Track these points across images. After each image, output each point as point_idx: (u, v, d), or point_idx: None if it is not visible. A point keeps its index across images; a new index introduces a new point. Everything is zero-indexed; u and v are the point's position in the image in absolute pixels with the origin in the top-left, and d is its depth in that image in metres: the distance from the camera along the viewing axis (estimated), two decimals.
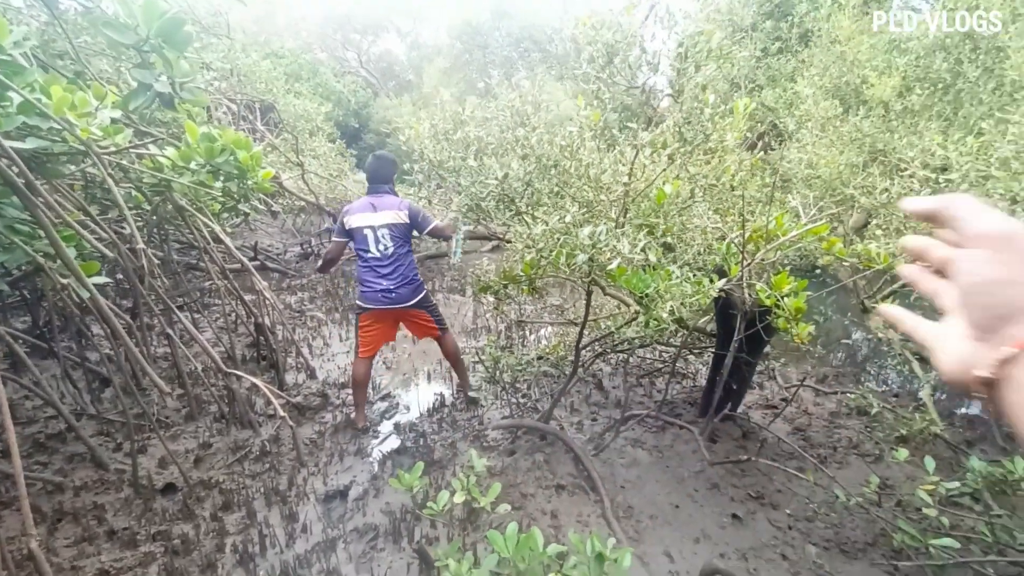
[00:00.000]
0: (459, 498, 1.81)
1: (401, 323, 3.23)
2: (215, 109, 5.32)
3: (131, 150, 2.45)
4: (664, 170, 2.14)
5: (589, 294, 2.67)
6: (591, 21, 1.91)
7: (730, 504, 2.59)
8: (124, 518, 2.40)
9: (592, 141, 2.29)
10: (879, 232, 2.61)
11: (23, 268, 2.86)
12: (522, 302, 4.77)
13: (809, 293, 2.32)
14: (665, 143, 1.97)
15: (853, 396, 3.44)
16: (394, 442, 3.15)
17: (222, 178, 2.72)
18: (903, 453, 2.26)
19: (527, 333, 4.83)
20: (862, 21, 4.26)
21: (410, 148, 2.61)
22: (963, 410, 3.48)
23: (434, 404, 3.55)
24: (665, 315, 1.92)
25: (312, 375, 3.94)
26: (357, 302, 3.09)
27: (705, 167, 2.21)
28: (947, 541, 1.88)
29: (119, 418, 3.06)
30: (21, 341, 3.08)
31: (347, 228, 2.96)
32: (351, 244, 3.04)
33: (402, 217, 2.92)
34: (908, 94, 3.26)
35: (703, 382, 3.89)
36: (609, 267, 1.77)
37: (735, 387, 3.15)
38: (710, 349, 3.55)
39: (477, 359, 3.99)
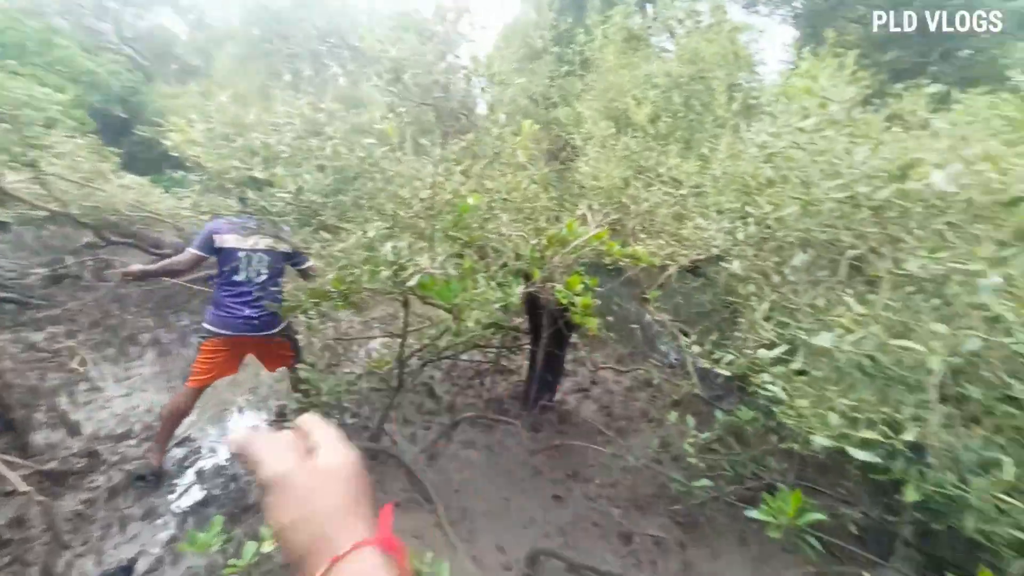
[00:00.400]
0: (269, 546, 1.64)
1: (252, 354, 3.02)
2: None
3: None
4: (463, 184, 2.24)
5: (406, 306, 2.65)
6: (375, 35, 1.89)
7: (552, 486, 2.86)
8: None
9: (393, 153, 2.27)
10: (643, 236, 3.15)
11: None
12: (346, 317, 4.53)
13: (600, 289, 2.69)
14: (458, 159, 2.06)
15: (642, 371, 4.11)
16: (197, 494, 2.71)
17: None
18: (674, 415, 2.78)
19: (356, 349, 4.60)
20: (626, 55, 5.07)
21: (180, 153, 2.24)
22: (717, 371, 4.43)
23: None
24: (471, 323, 2.01)
25: (74, 431, 3.13)
26: (207, 325, 2.79)
27: (499, 181, 2.38)
28: (703, 482, 2.37)
29: None
30: None
31: (216, 247, 2.70)
32: (218, 264, 2.79)
33: (283, 246, 2.71)
34: (658, 121, 3.99)
35: (526, 377, 4.21)
36: (409, 283, 1.79)
37: (550, 378, 3.49)
38: (528, 345, 3.86)
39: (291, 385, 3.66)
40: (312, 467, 0.44)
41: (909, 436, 1.08)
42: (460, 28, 2.85)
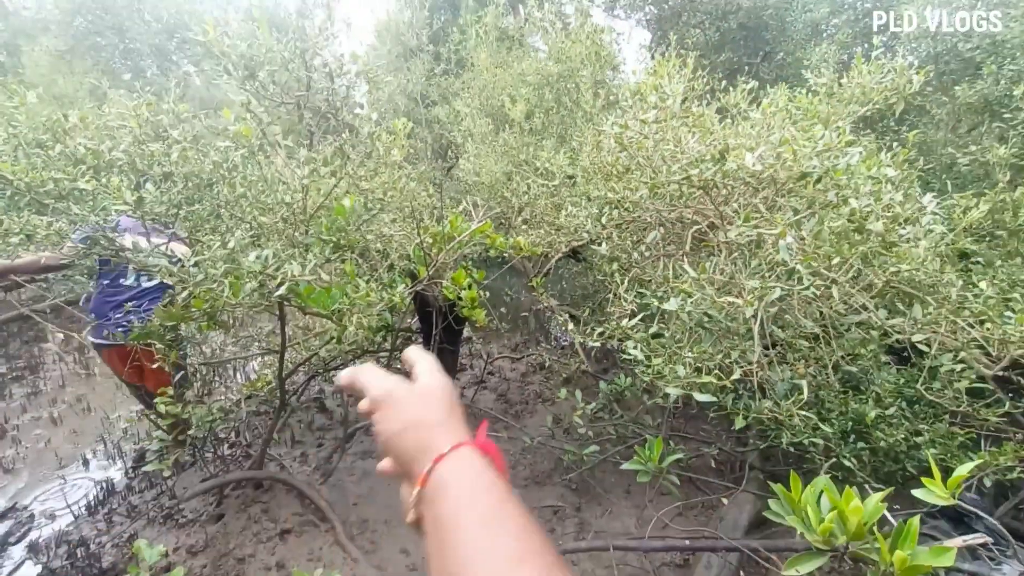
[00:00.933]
0: None
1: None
2: None
3: None
4: (335, 186, 2.16)
5: (282, 319, 2.49)
6: (219, 30, 1.74)
7: None
8: None
9: (253, 156, 2.11)
10: (524, 227, 3.29)
11: None
12: (213, 339, 4.10)
13: (489, 281, 2.75)
14: (326, 159, 1.98)
15: (535, 356, 4.29)
16: (31, 570, 2.28)
17: None
18: (564, 391, 2.95)
19: (231, 372, 4.19)
20: (499, 54, 5.23)
21: None
22: (606, 347, 4.78)
23: (98, 496, 2.71)
24: (353, 328, 1.96)
25: None
26: (92, 339, 2.61)
27: (374, 181, 2.33)
28: (591, 448, 2.55)
29: None
30: None
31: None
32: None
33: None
34: (532, 117, 4.17)
35: None
36: (276, 292, 1.69)
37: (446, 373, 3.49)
38: (420, 344, 3.83)
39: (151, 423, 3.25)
40: (414, 386, 0.50)
41: (736, 375, 1.28)
42: (326, 24, 2.73)
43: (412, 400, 0.48)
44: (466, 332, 4.19)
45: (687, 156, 1.72)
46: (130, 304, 2.59)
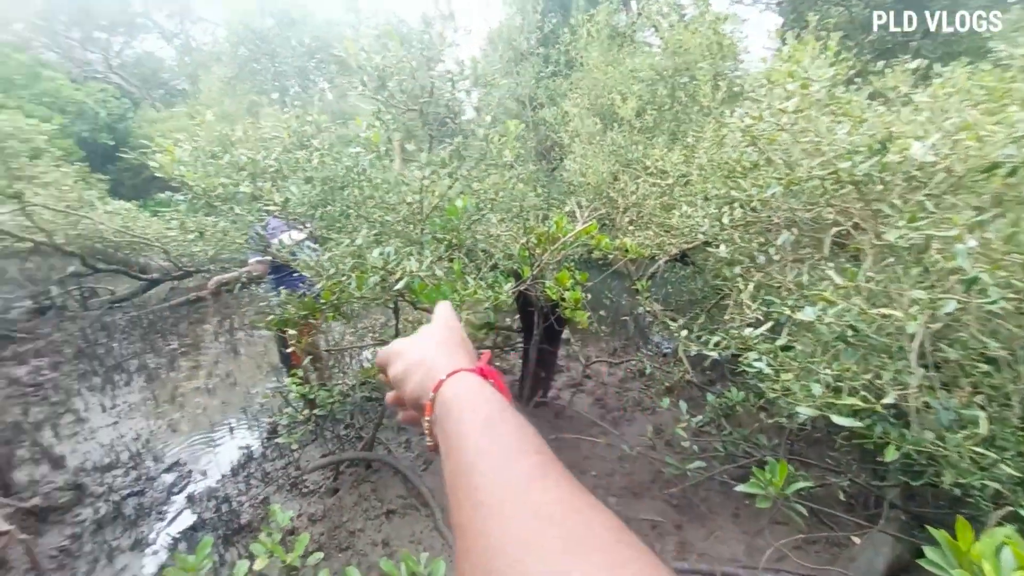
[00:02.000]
0: (261, 564, 1.63)
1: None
2: None
3: None
4: (450, 187, 2.25)
5: (396, 312, 2.66)
6: (359, 44, 1.91)
7: None
8: None
9: (378, 161, 2.29)
10: (631, 228, 3.17)
11: None
12: (336, 328, 4.52)
13: (591, 283, 2.70)
14: (444, 162, 2.07)
15: (634, 362, 4.11)
16: (188, 518, 2.67)
17: None
18: (666, 401, 2.78)
19: (348, 359, 4.58)
20: (610, 52, 5.13)
21: (166, 174, 2.24)
22: (707, 359, 4.45)
23: (239, 460, 3.11)
24: (462, 324, 2.02)
25: (58, 464, 3.09)
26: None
27: (486, 182, 2.39)
28: (696, 464, 2.38)
29: None
30: None
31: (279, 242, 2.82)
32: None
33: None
34: (644, 114, 4.03)
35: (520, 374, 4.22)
36: (396, 287, 1.79)
37: (544, 374, 3.49)
38: (520, 344, 3.87)
39: (283, 399, 3.65)
40: (417, 334, 0.52)
41: (890, 399, 1.09)
42: (445, 34, 2.89)
43: (412, 346, 0.50)
44: (564, 334, 4.15)
45: (834, 148, 1.52)
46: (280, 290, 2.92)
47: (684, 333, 1.90)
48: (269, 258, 2.93)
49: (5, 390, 3.47)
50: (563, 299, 2.56)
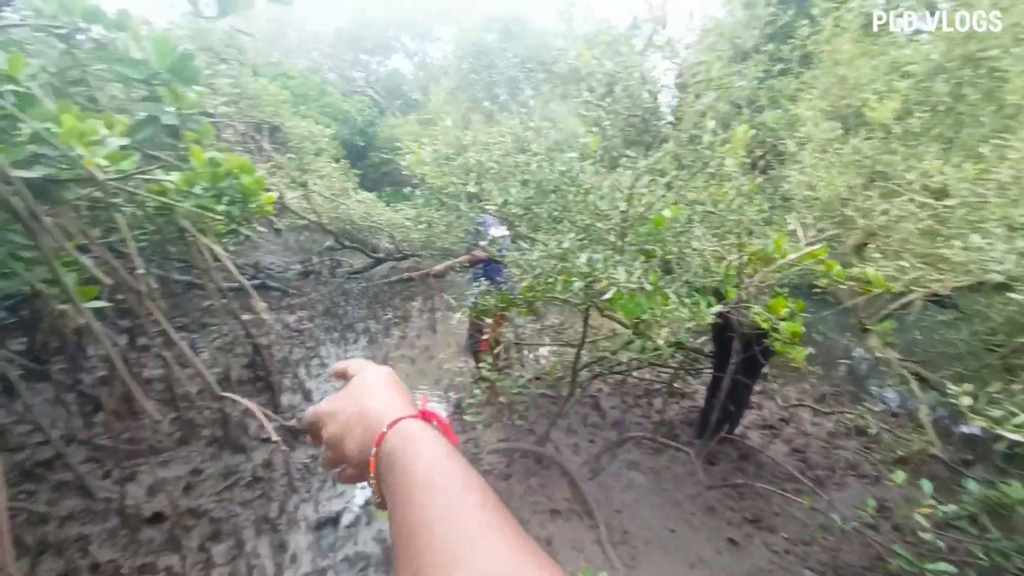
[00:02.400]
0: None
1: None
2: (222, 130, 5.41)
3: (137, 175, 2.48)
4: (663, 196, 2.16)
5: (586, 317, 2.67)
6: (592, 51, 1.95)
7: (726, 528, 2.55)
8: (109, 550, 2.36)
9: (592, 166, 2.31)
10: (877, 255, 2.61)
11: (22, 292, 2.88)
12: (520, 322, 4.77)
13: (807, 315, 2.32)
14: (663, 170, 1.99)
15: (852, 416, 3.41)
16: None
17: (225, 201, 2.76)
18: (901, 475, 2.22)
19: (525, 353, 4.81)
20: (863, 43, 4.31)
21: (411, 172, 2.64)
22: (962, 430, 3.44)
23: None
24: (660, 341, 1.91)
25: (308, 397, 3.92)
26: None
27: (703, 193, 2.22)
28: (943, 566, 1.84)
29: (111, 443, 3.05)
30: (16, 364, 3.08)
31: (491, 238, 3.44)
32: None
33: None
34: (908, 117, 3.28)
35: (702, 402, 3.86)
36: (605, 295, 1.78)
37: (733, 408, 3.12)
38: (708, 369, 3.53)
39: (473, 380, 3.97)
40: (344, 390, 0.49)
41: None
42: (655, 38, 2.79)
43: (347, 401, 0.47)
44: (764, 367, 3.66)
45: None
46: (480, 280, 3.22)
47: (966, 400, 1.47)
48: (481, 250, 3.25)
49: (280, 332, 4.57)
50: (775, 329, 2.25)
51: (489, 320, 3.05)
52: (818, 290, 3.82)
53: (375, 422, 0.43)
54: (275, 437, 2.68)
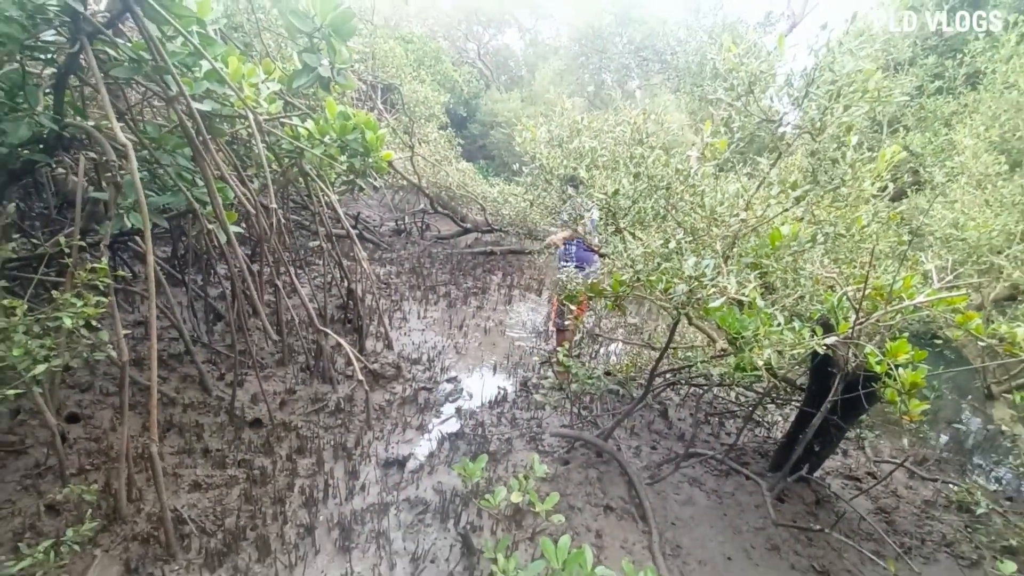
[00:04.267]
0: (516, 498, 1.85)
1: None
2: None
3: (282, 118, 2.73)
4: (785, 210, 2.02)
5: (676, 323, 2.58)
6: (737, 49, 1.84)
7: (789, 572, 2.41)
8: (218, 440, 2.71)
9: (711, 168, 2.21)
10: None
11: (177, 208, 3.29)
12: (600, 315, 4.72)
13: (927, 367, 2.09)
14: (795, 183, 1.85)
15: (956, 489, 3.05)
16: (454, 425, 3.27)
17: (347, 153, 2.96)
18: (1010, 566, 1.98)
19: (598, 347, 4.77)
20: None
21: (523, 150, 2.67)
22: None
23: (496, 397, 3.62)
24: (760, 362, 1.82)
25: (389, 346, 4.18)
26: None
27: (834, 213, 2.05)
28: None
29: (226, 351, 3.45)
30: (160, 268, 3.55)
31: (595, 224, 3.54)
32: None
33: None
34: None
35: (779, 434, 3.63)
36: (711, 304, 1.71)
37: (817, 449, 2.91)
38: (795, 402, 3.30)
39: (547, 362, 4.02)
40: None
41: None
42: (814, 40, 2.55)
43: None
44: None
45: None
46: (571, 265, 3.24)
47: None
48: (567, 233, 3.24)
49: (371, 281, 4.87)
50: (889, 375, 2.05)
51: (573, 307, 3.05)
52: (939, 342, 3.44)
53: None
54: (360, 376, 2.90)
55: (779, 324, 1.94)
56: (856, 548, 2.39)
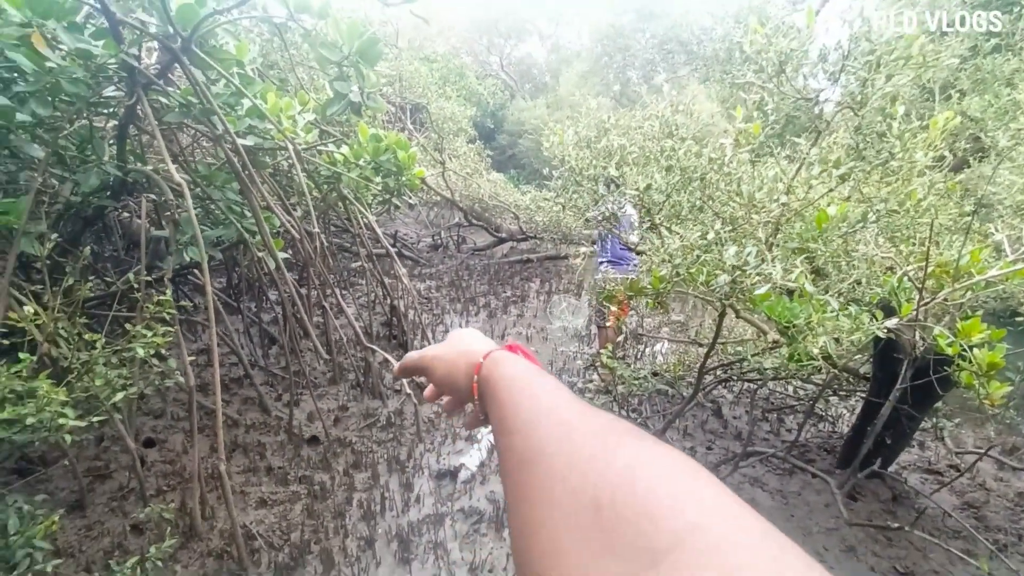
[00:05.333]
0: None
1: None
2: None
3: (319, 146, 2.86)
4: (830, 190, 1.92)
5: (722, 316, 2.50)
6: (765, 28, 1.78)
7: (869, 574, 2.26)
8: (279, 458, 2.83)
9: (747, 154, 2.14)
10: None
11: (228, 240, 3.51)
12: (643, 314, 4.63)
13: (1007, 346, 1.93)
14: (838, 161, 1.76)
15: None
16: None
17: (382, 174, 3.06)
18: None
19: (643, 347, 4.67)
20: None
21: (552, 154, 2.67)
22: None
23: None
24: (816, 351, 1.73)
25: None
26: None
27: (884, 189, 1.94)
28: None
29: (281, 372, 3.61)
30: (217, 298, 3.78)
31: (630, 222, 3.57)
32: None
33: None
34: None
35: (845, 428, 3.43)
36: (757, 292, 1.65)
37: (889, 442, 2.72)
38: (859, 392, 3.11)
39: (591, 365, 3.97)
40: (443, 343, 0.61)
41: None
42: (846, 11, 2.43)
43: (445, 348, 0.58)
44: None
45: None
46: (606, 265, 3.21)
47: None
48: (599, 232, 3.22)
49: (412, 297, 5.00)
50: (963, 357, 1.91)
51: (613, 308, 3.01)
52: (1021, 319, 3.19)
53: (474, 356, 0.53)
54: (408, 390, 2.96)
55: (833, 310, 1.85)
56: (942, 547, 2.21)
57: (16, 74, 1.70)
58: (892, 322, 1.78)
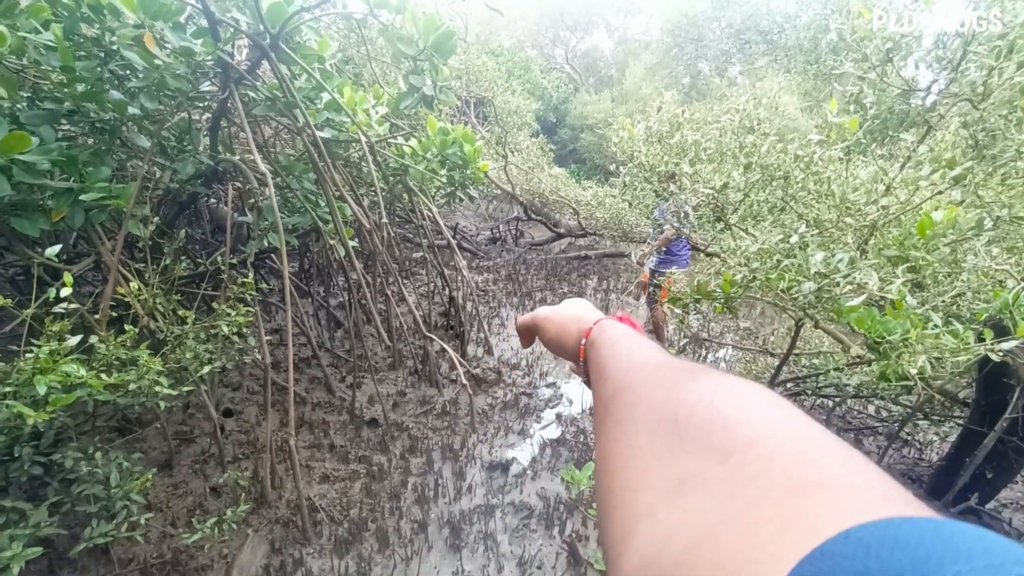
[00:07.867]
0: None
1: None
2: None
3: (389, 139, 2.94)
4: (939, 192, 1.72)
5: (799, 326, 2.33)
6: (870, 14, 1.61)
7: None
8: (341, 437, 2.97)
9: (838, 152, 1.96)
10: None
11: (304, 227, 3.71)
12: (709, 318, 4.43)
13: None
14: (953, 160, 1.57)
15: None
16: (555, 431, 3.25)
17: (447, 167, 3.09)
18: None
19: (705, 351, 4.47)
20: None
21: (620, 149, 2.59)
22: None
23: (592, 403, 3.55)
24: (914, 370, 1.56)
25: (489, 351, 4.28)
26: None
27: (1007, 193, 1.71)
28: None
29: (345, 355, 3.78)
30: (291, 282, 4.01)
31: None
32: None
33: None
34: None
35: (934, 455, 3.10)
36: (850, 303, 1.51)
37: (990, 476, 2.44)
38: (956, 418, 2.80)
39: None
40: (556, 307, 0.64)
41: None
42: None
43: (557, 312, 0.62)
44: None
45: None
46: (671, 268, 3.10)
47: None
48: (670, 233, 3.10)
49: (470, 288, 5.06)
50: None
51: (678, 310, 2.89)
52: None
53: (585, 323, 0.57)
54: (464, 380, 3.01)
55: (935, 326, 1.66)
56: None
57: (128, 71, 1.87)
58: (1010, 343, 1.57)
